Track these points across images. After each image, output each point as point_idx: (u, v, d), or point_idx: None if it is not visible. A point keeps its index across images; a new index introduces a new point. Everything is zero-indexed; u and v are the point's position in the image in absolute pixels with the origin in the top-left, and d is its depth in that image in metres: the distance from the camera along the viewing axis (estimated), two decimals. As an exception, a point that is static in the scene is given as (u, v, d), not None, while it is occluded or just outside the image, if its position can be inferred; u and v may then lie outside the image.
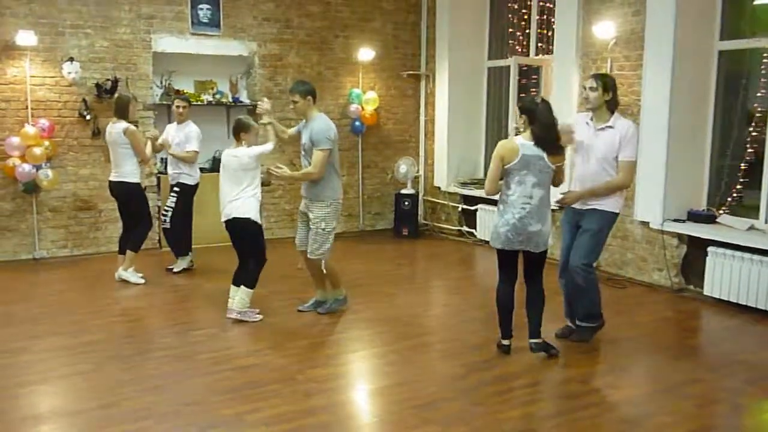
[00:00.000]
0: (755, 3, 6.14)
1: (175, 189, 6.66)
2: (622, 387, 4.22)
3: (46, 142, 7.04)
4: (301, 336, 5.04)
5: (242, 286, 5.25)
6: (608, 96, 4.61)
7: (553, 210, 4.61)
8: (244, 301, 5.25)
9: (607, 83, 4.62)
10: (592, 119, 4.71)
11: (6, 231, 7.21)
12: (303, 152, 5.37)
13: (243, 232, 5.21)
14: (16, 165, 6.89)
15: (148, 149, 6.42)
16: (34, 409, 3.87)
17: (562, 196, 4.74)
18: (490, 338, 5.10)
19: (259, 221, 5.25)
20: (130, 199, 6.32)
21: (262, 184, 5.39)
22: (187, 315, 5.62)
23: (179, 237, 6.77)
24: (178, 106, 6.61)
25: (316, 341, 4.96)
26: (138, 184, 6.32)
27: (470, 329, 5.29)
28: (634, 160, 4.67)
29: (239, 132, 5.21)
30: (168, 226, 6.68)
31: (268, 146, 5.30)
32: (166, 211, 6.68)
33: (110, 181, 6.33)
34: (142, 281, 6.33)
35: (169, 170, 6.75)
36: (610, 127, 4.60)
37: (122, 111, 6.15)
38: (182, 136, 6.57)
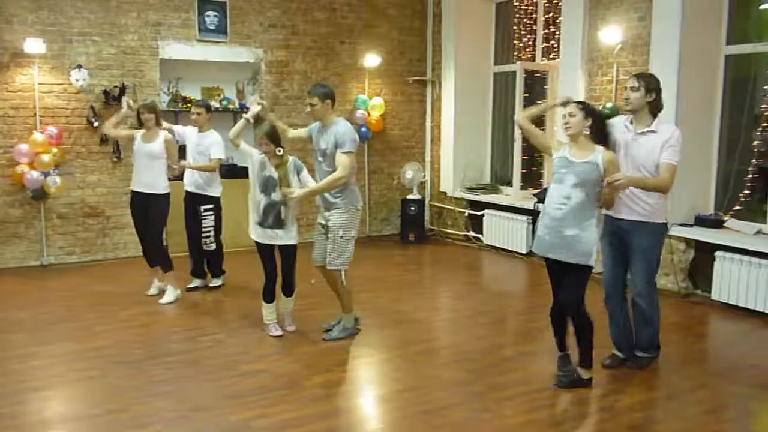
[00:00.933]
0: (762, 7, 6.13)
1: (208, 206, 6.21)
2: (630, 393, 4.20)
3: (54, 149, 7.08)
4: (307, 342, 5.04)
5: None
6: (651, 97, 4.22)
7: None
8: (264, 313, 5.19)
9: (650, 83, 4.23)
10: (631, 122, 4.33)
11: (14, 237, 7.25)
12: (320, 159, 4.98)
13: None
14: (25, 172, 6.93)
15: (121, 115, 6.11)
16: (42, 414, 3.88)
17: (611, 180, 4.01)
18: (496, 344, 5.10)
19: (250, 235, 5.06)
20: None
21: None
22: (194, 321, 5.62)
23: (219, 256, 6.41)
24: (192, 113, 6.23)
25: (322, 347, 4.96)
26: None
27: (477, 335, 5.29)
28: (675, 164, 4.19)
29: None
30: (215, 246, 6.29)
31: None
32: (207, 232, 6.23)
33: None
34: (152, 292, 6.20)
35: (189, 185, 6.24)
36: (653, 131, 4.22)
37: None
38: (206, 144, 6.12)
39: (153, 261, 6.13)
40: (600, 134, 4.17)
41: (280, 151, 4.81)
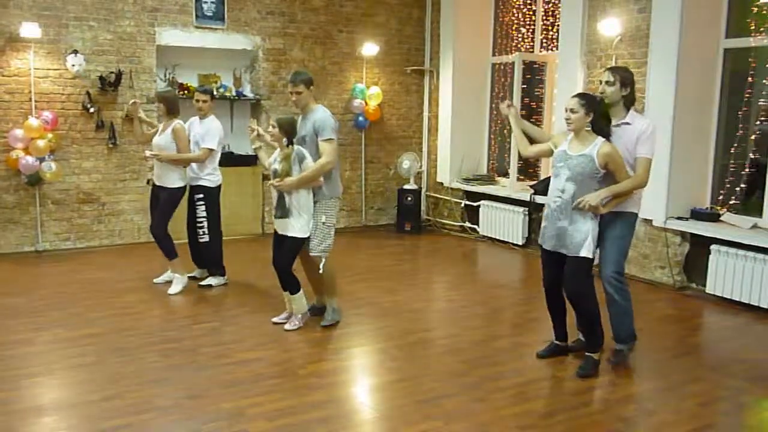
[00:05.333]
0: (761, 1, 6.09)
1: (199, 196, 5.97)
2: (624, 385, 4.22)
3: (50, 135, 7.05)
4: (302, 330, 5.03)
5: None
6: (626, 91, 4.29)
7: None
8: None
9: (625, 78, 4.29)
10: None
11: (9, 223, 7.21)
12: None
13: None
14: (20, 157, 6.90)
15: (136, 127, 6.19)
16: (36, 400, 3.87)
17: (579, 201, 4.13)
18: (491, 334, 5.11)
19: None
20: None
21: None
22: (189, 308, 5.62)
23: (216, 251, 6.13)
24: (197, 100, 5.96)
25: (317, 336, 4.96)
26: None
27: (472, 325, 5.29)
28: (650, 158, 4.24)
29: None
30: (207, 239, 6.00)
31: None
32: (200, 223, 5.98)
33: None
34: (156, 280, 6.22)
35: (187, 171, 5.99)
36: (627, 123, 4.27)
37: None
38: (202, 132, 5.90)
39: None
40: (604, 130, 4.16)
41: (285, 141, 4.83)
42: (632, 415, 3.84)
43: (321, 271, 5.03)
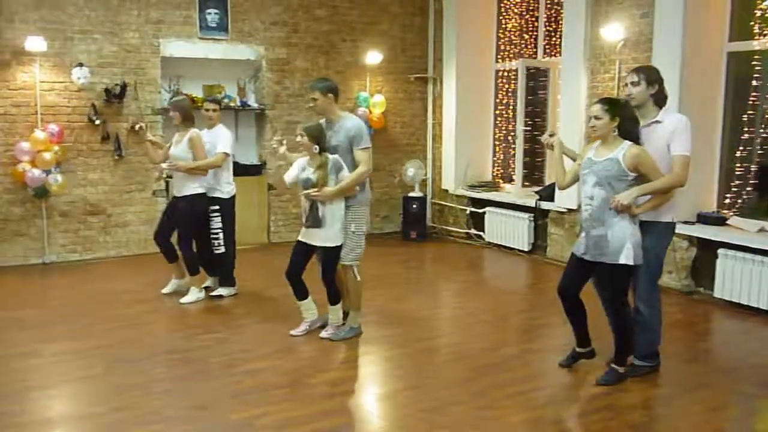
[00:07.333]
0: (764, 4, 6.08)
1: (214, 208, 5.99)
2: (633, 391, 4.19)
3: (56, 147, 7.08)
4: (310, 339, 5.03)
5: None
6: (653, 89, 4.11)
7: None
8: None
9: (650, 76, 4.12)
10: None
11: (16, 235, 7.24)
12: None
13: None
14: (26, 170, 6.93)
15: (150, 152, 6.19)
16: (43, 413, 3.87)
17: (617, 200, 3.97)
18: (499, 342, 5.10)
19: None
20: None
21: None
22: (196, 319, 5.62)
23: (226, 262, 6.16)
24: (207, 110, 6.02)
25: (325, 345, 4.95)
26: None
27: (479, 333, 5.28)
28: (687, 155, 4.03)
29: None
30: (223, 250, 6.05)
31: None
32: (215, 235, 6.03)
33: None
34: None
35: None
36: (658, 122, 4.11)
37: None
38: (214, 141, 5.93)
39: (171, 258, 6.07)
40: (632, 133, 4.06)
41: (315, 149, 4.78)
42: (642, 422, 3.82)
43: (358, 279, 5.00)
